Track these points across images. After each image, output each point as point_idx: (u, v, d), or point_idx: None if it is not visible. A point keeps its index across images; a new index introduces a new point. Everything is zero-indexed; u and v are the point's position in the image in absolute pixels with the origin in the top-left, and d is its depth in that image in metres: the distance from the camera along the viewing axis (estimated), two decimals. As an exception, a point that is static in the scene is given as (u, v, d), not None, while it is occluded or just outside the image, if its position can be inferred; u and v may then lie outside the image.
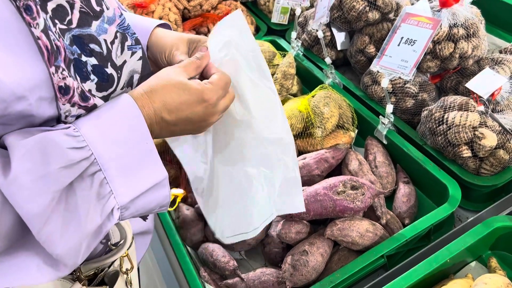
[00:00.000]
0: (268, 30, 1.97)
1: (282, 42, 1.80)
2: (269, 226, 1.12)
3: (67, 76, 0.56)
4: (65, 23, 0.58)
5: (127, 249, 0.74)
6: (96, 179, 0.56)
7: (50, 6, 0.57)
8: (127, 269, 0.78)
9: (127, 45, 0.68)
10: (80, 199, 0.55)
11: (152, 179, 0.61)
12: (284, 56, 1.50)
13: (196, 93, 0.67)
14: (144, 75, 0.72)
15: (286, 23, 1.95)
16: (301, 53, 1.71)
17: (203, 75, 0.74)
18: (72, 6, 0.60)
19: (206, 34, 1.96)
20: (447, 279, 0.98)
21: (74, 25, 0.60)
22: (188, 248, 1.19)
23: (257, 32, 2.00)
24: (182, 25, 1.90)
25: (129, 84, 0.69)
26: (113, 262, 0.75)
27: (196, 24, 1.95)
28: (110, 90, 0.65)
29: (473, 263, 1.03)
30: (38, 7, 0.53)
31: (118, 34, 0.66)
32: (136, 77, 0.71)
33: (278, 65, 1.48)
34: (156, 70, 0.72)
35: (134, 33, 0.70)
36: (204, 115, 0.69)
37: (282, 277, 1.00)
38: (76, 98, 0.58)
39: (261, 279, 1.02)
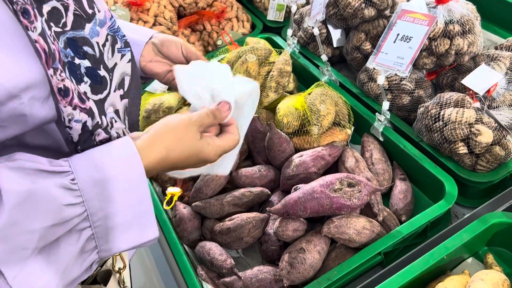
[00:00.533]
0: (264, 27, 1.97)
1: (278, 40, 1.79)
2: (266, 224, 1.12)
3: (65, 78, 0.57)
4: (60, 25, 0.59)
5: None
6: (83, 235, 0.55)
7: (46, 8, 0.57)
8: (119, 268, 0.78)
9: (117, 48, 0.69)
10: (63, 252, 0.53)
11: (141, 238, 0.59)
12: (280, 53, 1.50)
13: (198, 152, 0.66)
14: (134, 78, 0.72)
15: (282, 20, 1.95)
16: (297, 51, 1.71)
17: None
18: (66, 9, 0.60)
19: (201, 32, 1.95)
20: (444, 275, 0.99)
21: (68, 27, 0.60)
22: (185, 246, 1.19)
23: (252, 29, 2.00)
24: (177, 23, 1.89)
25: (121, 86, 0.69)
26: (106, 261, 0.75)
27: (191, 22, 1.94)
28: (105, 92, 0.65)
29: (470, 259, 1.04)
30: (36, 10, 0.54)
31: (108, 37, 0.67)
32: (127, 79, 0.71)
33: (274, 62, 1.47)
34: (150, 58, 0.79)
35: (124, 36, 0.71)
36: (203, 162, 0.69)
37: (279, 275, 1.00)
38: (76, 100, 0.58)
39: (258, 277, 1.02)
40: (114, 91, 0.67)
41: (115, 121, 0.68)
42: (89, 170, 0.55)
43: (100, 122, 0.63)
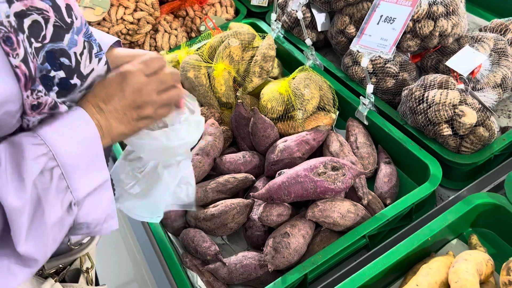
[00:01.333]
0: (247, 12, 1.94)
1: (262, 25, 1.77)
2: (250, 210, 1.11)
3: (42, 96, 0.60)
4: (40, 39, 0.61)
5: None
6: (54, 174, 0.60)
7: (26, 23, 0.59)
8: (87, 268, 0.79)
9: (94, 53, 0.70)
10: (42, 193, 0.59)
11: (98, 178, 0.65)
12: (264, 38, 1.48)
13: (115, 75, 0.70)
14: None
15: (266, 5, 1.92)
16: (282, 35, 1.69)
17: None
18: (47, 21, 0.62)
19: (184, 18, 1.92)
20: (428, 257, 0.99)
21: (47, 40, 0.62)
22: (170, 234, 1.17)
23: (236, 14, 1.97)
24: (159, 8, 1.86)
25: (88, 87, 0.70)
26: (74, 261, 0.77)
27: (174, 8, 1.91)
28: (70, 96, 0.67)
29: (454, 241, 1.04)
30: (19, 38, 0.57)
31: (85, 44, 0.68)
32: (97, 80, 0.72)
33: (257, 47, 1.45)
34: None
35: (96, 39, 0.71)
36: (131, 87, 0.69)
37: (264, 260, 1.00)
38: (46, 109, 0.62)
39: (243, 262, 1.01)
40: (80, 92, 0.69)
41: None
42: (46, 125, 0.62)
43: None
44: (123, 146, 1.30)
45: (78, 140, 0.64)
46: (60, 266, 0.74)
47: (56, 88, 0.64)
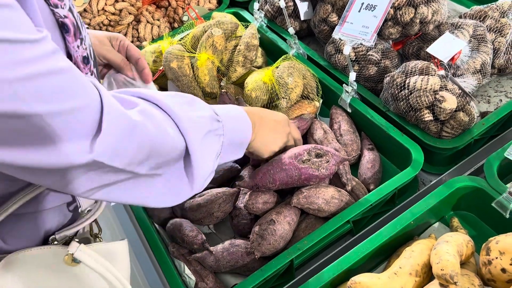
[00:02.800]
0: (230, 2, 1.93)
1: (245, 14, 1.77)
2: (236, 199, 1.12)
3: (87, 46, 0.65)
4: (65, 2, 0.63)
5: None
6: (220, 140, 0.80)
7: None
8: (96, 234, 0.81)
9: (81, 21, 0.71)
10: (213, 143, 0.79)
11: (238, 154, 0.90)
12: (247, 27, 1.48)
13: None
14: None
15: (249, -6, 1.91)
16: (265, 25, 1.69)
17: None
18: None
19: (166, 8, 1.91)
20: (411, 240, 1.01)
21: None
22: (156, 225, 1.17)
23: (219, 4, 1.96)
24: (141, -1, 1.84)
25: (91, 57, 0.72)
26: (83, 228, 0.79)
27: (156, -2, 1.89)
28: (92, 62, 0.70)
29: (436, 224, 1.06)
30: None
31: (73, 9, 0.70)
32: (91, 49, 0.74)
33: (240, 37, 1.45)
34: None
35: None
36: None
37: (250, 247, 1.01)
38: (92, 66, 0.68)
39: (229, 250, 1.02)
40: (94, 61, 0.72)
41: None
42: (224, 112, 0.83)
43: None
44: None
45: (239, 129, 0.87)
46: (70, 235, 0.76)
47: (88, 49, 0.67)
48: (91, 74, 0.68)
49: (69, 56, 0.64)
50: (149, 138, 0.63)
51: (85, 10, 1.73)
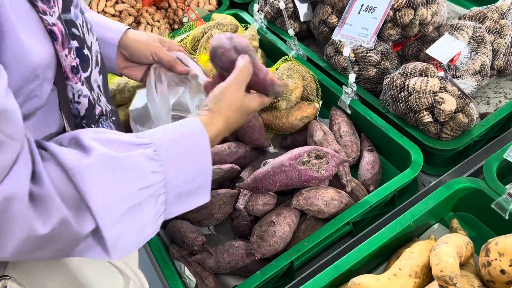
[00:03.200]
0: (230, 3, 1.93)
1: (245, 15, 1.77)
2: (236, 200, 1.12)
3: (76, 57, 0.64)
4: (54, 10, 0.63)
5: None
6: (160, 200, 0.63)
7: None
8: None
9: (89, 28, 0.73)
10: (145, 213, 0.61)
11: (199, 202, 0.71)
12: (247, 29, 1.48)
13: (245, 109, 0.81)
14: (102, 55, 0.78)
15: (249, -4, 1.92)
16: (265, 26, 1.69)
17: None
18: None
19: (166, 9, 1.91)
20: (411, 242, 1.01)
21: (60, 11, 0.63)
22: (156, 226, 1.17)
23: (219, 6, 1.96)
24: (141, 0, 1.84)
25: (97, 64, 0.74)
26: None
27: (156, 0, 1.89)
28: (89, 70, 0.70)
29: (436, 225, 1.06)
30: None
31: (83, 18, 0.71)
32: (99, 56, 0.76)
33: (240, 38, 1.45)
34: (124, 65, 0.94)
35: (85, 15, 0.74)
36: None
37: (250, 248, 1.01)
38: (83, 76, 0.66)
39: (229, 251, 1.02)
40: (94, 68, 0.72)
41: (100, 95, 0.75)
42: (167, 144, 0.64)
43: (92, 97, 0.70)
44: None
45: (192, 171, 0.66)
46: None
47: (77, 59, 0.66)
48: (82, 84, 0.66)
49: (60, 63, 0.63)
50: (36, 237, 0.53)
51: (85, 11, 1.74)
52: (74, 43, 0.65)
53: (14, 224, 0.50)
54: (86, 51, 0.69)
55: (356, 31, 1.17)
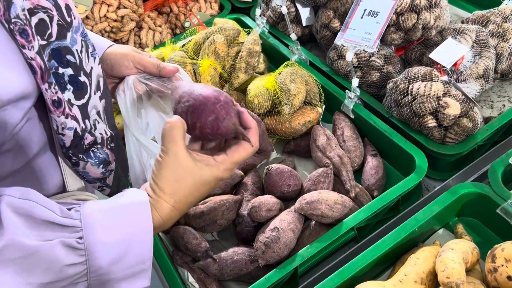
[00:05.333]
0: (232, 8, 1.93)
1: (247, 20, 1.77)
2: (240, 206, 1.11)
3: (58, 91, 0.62)
4: (45, 37, 0.62)
5: None
6: (78, 287, 0.57)
7: (34, 21, 0.60)
8: None
9: (90, 52, 0.72)
10: None
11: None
12: (249, 33, 1.48)
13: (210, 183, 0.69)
14: (104, 78, 0.77)
15: (251, 0, 1.91)
16: (267, 31, 1.69)
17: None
18: (51, 20, 0.63)
19: (168, 14, 1.91)
20: (416, 247, 1.00)
21: (53, 38, 0.63)
22: (159, 233, 1.17)
23: (221, 10, 1.96)
24: (143, 5, 1.84)
25: (98, 89, 0.73)
26: None
27: (157, 4, 1.89)
28: (86, 97, 0.69)
29: (441, 231, 1.06)
30: (33, 30, 0.58)
31: (83, 43, 0.70)
32: (101, 80, 0.75)
33: (243, 43, 1.45)
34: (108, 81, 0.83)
35: (90, 39, 0.73)
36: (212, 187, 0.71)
37: (254, 255, 1.00)
38: (67, 109, 0.64)
39: (233, 258, 1.01)
40: (94, 93, 0.71)
41: (98, 122, 0.73)
42: (100, 231, 0.56)
43: (84, 127, 0.69)
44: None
45: (128, 260, 0.58)
46: None
47: (70, 87, 0.65)
48: (66, 117, 0.64)
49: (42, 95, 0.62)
50: None
51: (87, 17, 1.74)
52: (68, 71, 0.65)
53: None
54: (82, 78, 0.68)
55: (359, 36, 1.17)
